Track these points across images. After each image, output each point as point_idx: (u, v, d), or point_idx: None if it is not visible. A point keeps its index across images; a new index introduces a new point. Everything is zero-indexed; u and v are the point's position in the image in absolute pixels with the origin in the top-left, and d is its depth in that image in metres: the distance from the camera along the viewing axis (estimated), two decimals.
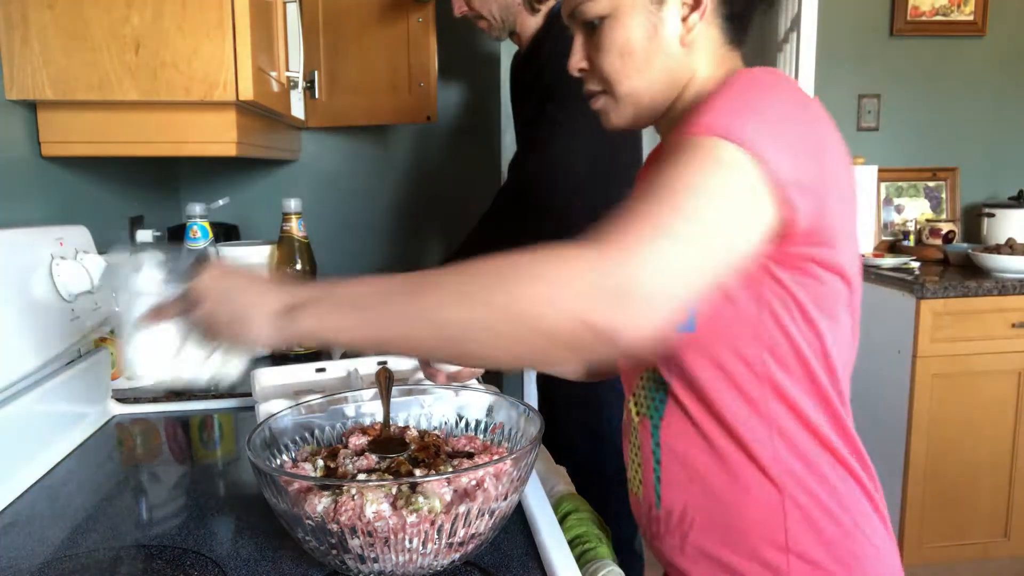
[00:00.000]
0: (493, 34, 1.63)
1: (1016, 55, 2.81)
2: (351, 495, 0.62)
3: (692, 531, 0.80)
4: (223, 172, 2.12)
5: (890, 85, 2.77)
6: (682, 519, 0.81)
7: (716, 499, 0.78)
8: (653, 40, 0.77)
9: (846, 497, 0.76)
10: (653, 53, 0.78)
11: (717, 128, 0.64)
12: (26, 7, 1.09)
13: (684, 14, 0.77)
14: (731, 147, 0.63)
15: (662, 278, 0.57)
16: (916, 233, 2.74)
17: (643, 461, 0.84)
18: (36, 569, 0.72)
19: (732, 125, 0.64)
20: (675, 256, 0.58)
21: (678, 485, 0.81)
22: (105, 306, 1.12)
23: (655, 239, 0.58)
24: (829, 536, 0.75)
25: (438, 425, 0.85)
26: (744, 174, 0.63)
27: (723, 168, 0.62)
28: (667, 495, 0.82)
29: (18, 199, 1.15)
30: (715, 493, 0.78)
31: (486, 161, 2.20)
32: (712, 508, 0.78)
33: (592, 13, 0.78)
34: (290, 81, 1.53)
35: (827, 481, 0.76)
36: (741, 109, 0.66)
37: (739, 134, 0.63)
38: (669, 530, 0.82)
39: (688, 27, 0.77)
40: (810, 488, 0.75)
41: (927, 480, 2.26)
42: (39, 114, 1.18)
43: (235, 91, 1.14)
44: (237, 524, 0.81)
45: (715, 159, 0.63)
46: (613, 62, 0.78)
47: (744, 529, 0.77)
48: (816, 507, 0.75)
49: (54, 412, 0.99)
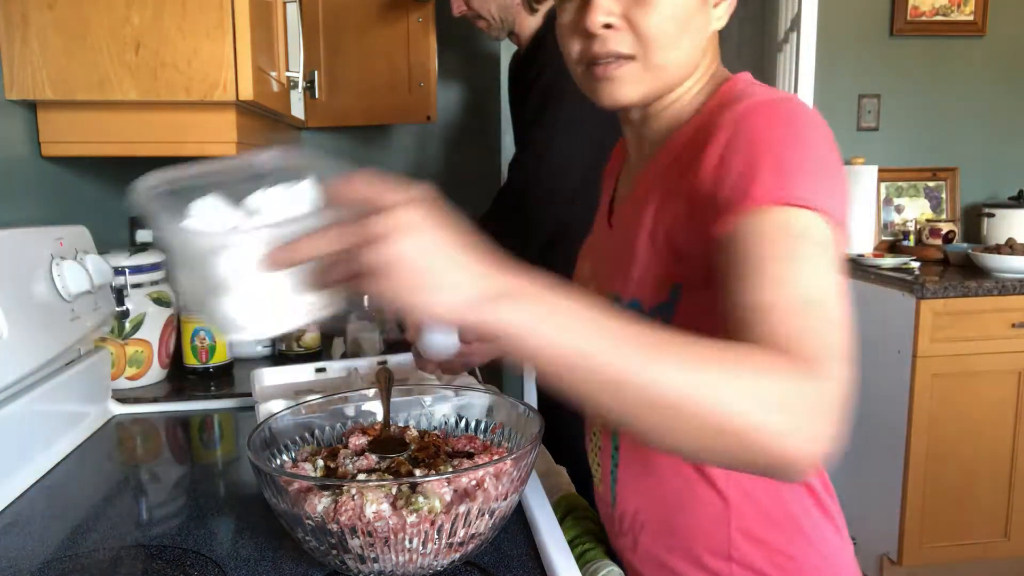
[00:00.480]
0: (492, 34, 1.63)
1: (1016, 55, 2.81)
2: (351, 495, 0.62)
3: (643, 533, 0.81)
4: None
5: (890, 85, 2.77)
6: (634, 520, 0.81)
7: (665, 504, 0.79)
8: (700, 12, 0.72)
9: (794, 505, 0.76)
10: (695, 28, 0.72)
11: (791, 197, 0.61)
12: (26, 7, 1.09)
13: (716, 1, 0.73)
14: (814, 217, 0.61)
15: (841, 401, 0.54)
16: (916, 233, 2.74)
17: (602, 460, 0.85)
18: (36, 569, 0.72)
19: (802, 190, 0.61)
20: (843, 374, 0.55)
21: (632, 487, 0.81)
22: (105, 306, 1.12)
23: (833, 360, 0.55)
24: (773, 545, 0.76)
25: (438, 425, 0.85)
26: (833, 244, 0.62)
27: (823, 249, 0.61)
28: (621, 495, 0.83)
29: (18, 199, 1.15)
30: (664, 498, 0.79)
31: (486, 161, 2.20)
32: (661, 513, 0.79)
33: None
34: (290, 81, 1.53)
35: (776, 491, 0.76)
36: (799, 167, 0.63)
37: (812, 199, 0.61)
38: (623, 530, 0.83)
39: (717, 16, 0.74)
40: (757, 498, 0.76)
41: (927, 480, 2.26)
42: (39, 114, 1.18)
43: (235, 91, 1.14)
44: (237, 524, 0.81)
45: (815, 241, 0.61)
46: (663, 23, 0.69)
47: (689, 535, 0.78)
48: (761, 517, 0.76)
49: (54, 412, 0.99)
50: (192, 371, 1.35)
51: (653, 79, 0.72)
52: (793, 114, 0.66)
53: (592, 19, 0.69)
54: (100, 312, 1.10)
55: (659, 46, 0.70)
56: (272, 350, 1.51)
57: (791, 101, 0.68)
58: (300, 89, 1.63)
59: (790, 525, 0.76)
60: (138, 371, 1.28)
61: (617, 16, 0.70)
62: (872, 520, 2.37)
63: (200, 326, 1.34)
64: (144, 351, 1.28)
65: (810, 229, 0.61)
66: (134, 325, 1.26)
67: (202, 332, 1.34)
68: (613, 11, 0.69)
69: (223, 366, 1.37)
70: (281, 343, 1.47)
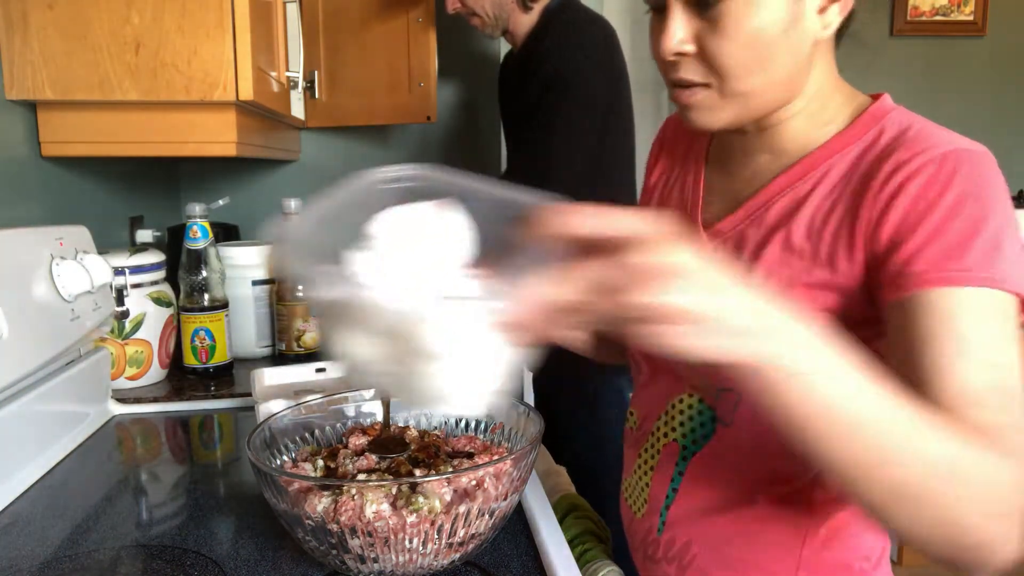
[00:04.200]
0: (486, 31, 1.63)
1: (1016, 55, 2.81)
2: (351, 495, 0.62)
3: (692, 565, 0.77)
4: (223, 172, 2.12)
5: (890, 85, 2.76)
6: (684, 551, 0.77)
7: (728, 540, 0.74)
8: (789, 33, 0.64)
9: (865, 543, 0.74)
10: (785, 49, 0.65)
11: (1000, 279, 0.58)
12: (26, 7, 1.09)
13: (822, 5, 0.65)
14: (1012, 300, 0.59)
15: None
16: None
17: (653, 483, 0.80)
18: (36, 569, 0.72)
19: (1009, 272, 0.59)
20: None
21: (689, 518, 0.77)
22: (105, 306, 1.12)
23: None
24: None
25: (438, 425, 0.85)
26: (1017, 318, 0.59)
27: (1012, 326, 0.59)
28: (673, 524, 0.78)
29: (18, 199, 1.15)
30: (731, 538, 0.74)
31: (486, 161, 2.20)
32: (721, 547, 0.75)
33: None
34: (290, 81, 1.53)
35: (854, 532, 0.72)
36: (1005, 244, 0.60)
37: (1003, 280, 0.58)
38: (667, 557, 0.79)
39: (825, 23, 0.66)
40: (837, 539, 0.72)
41: None
42: (39, 114, 1.18)
43: (235, 91, 1.14)
44: (237, 524, 0.81)
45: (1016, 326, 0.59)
46: (736, 52, 0.64)
47: (749, 572, 0.74)
48: (839, 558, 0.72)
49: (54, 412, 0.99)
50: (192, 371, 1.35)
51: (738, 106, 0.67)
52: (989, 175, 0.63)
53: (664, 48, 0.66)
54: (100, 312, 1.10)
55: (735, 75, 0.65)
56: (272, 350, 1.52)
57: (982, 155, 0.64)
58: (300, 89, 1.64)
59: (862, 563, 0.74)
60: (138, 371, 1.28)
61: (690, 42, 0.65)
62: None
63: (200, 326, 1.34)
64: (144, 351, 1.28)
65: (1009, 309, 0.59)
66: (134, 325, 1.26)
67: (202, 332, 1.34)
68: (685, 38, 0.65)
69: (223, 366, 1.37)
70: (281, 343, 1.47)
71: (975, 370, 0.56)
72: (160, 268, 1.31)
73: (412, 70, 1.84)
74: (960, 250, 0.59)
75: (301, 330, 1.45)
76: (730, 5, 0.62)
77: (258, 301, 1.50)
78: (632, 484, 0.84)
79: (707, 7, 0.63)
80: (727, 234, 0.74)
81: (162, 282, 1.32)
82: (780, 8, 0.63)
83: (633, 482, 0.84)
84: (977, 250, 0.58)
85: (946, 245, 0.59)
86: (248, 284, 1.49)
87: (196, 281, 1.34)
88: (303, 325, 1.45)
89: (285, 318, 1.45)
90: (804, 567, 0.72)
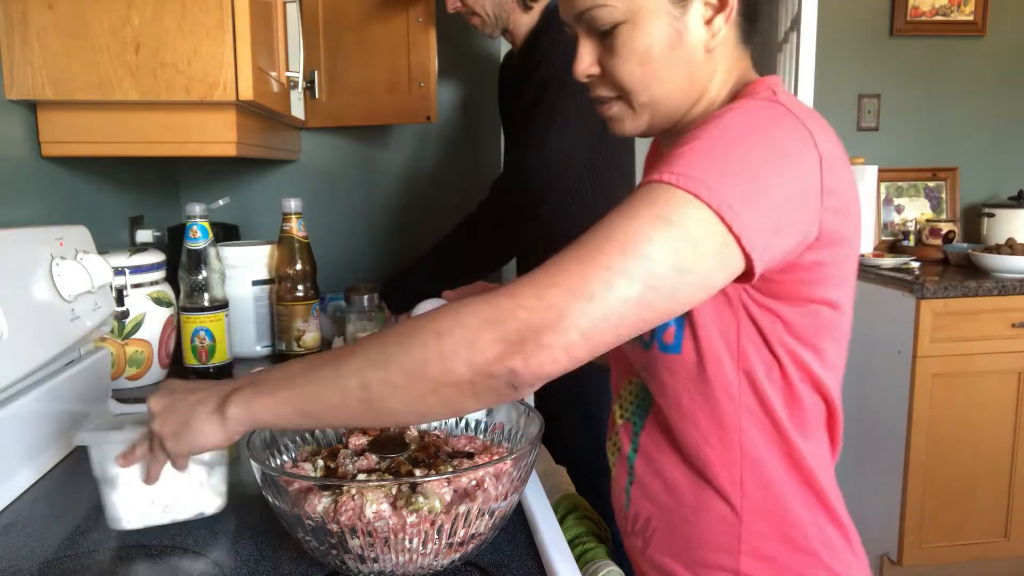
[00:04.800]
0: (486, 31, 1.62)
1: (1016, 55, 2.81)
2: (351, 495, 0.62)
3: (653, 539, 0.81)
4: (223, 172, 2.12)
5: (890, 85, 2.77)
6: (645, 526, 0.82)
7: (677, 515, 0.79)
8: (676, 48, 0.72)
9: (809, 525, 0.76)
10: (675, 61, 0.72)
11: (679, 177, 0.60)
12: (26, 7, 1.09)
13: (708, 16, 0.72)
14: (691, 201, 0.60)
15: (552, 333, 0.57)
16: (916, 233, 2.74)
17: (618, 463, 0.85)
18: (36, 569, 0.72)
19: (696, 174, 0.60)
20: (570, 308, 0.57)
21: (645, 493, 0.82)
22: (105, 306, 1.12)
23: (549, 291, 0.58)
24: (783, 562, 0.75)
25: (438, 425, 0.85)
26: (692, 226, 0.60)
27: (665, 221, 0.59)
28: (635, 500, 0.83)
29: (18, 199, 1.15)
30: (677, 509, 0.79)
31: (486, 161, 2.20)
32: (672, 523, 0.79)
33: (607, 20, 0.71)
34: (290, 81, 1.53)
35: (790, 509, 0.75)
36: (717, 160, 0.62)
37: (700, 186, 0.60)
38: (634, 532, 0.84)
39: (713, 32, 0.72)
40: (769, 513, 0.75)
41: (927, 480, 2.26)
42: (39, 114, 1.18)
43: (235, 91, 1.14)
44: (237, 524, 0.81)
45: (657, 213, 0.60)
46: (632, 70, 0.72)
47: (698, 547, 0.78)
48: (773, 533, 0.75)
49: (54, 412, 0.99)
50: (192, 371, 1.35)
51: (648, 113, 0.76)
52: (758, 117, 0.65)
53: (576, 71, 0.76)
54: (100, 312, 1.10)
55: (635, 89, 0.73)
56: (272, 350, 1.52)
57: (773, 108, 0.66)
58: (300, 89, 1.63)
59: (802, 542, 0.75)
60: (138, 371, 1.28)
61: (595, 65, 0.75)
62: (872, 520, 2.37)
63: (200, 326, 1.34)
64: (144, 351, 1.28)
65: (674, 205, 0.59)
66: (134, 325, 1.26)
67: (202, 332, 1.34)
68: (591, 63, 0.75)
69: (223, 366, 1.37)
70: (281, 343, 1.47)
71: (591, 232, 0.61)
72: (160, 268, 1.31)
73: (412, 70, 1.84)
74: (669, 162, 0.62)
75: (301, 330, 1.45)
76: (620, 33, 0.71)
77: (258, 301, 1.50)
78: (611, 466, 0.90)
79: (605, 35, 0.73)
80: None
81: (162, 282, 1.32)
82: (664, 28, 0.71)
83: (611, 465, 0.90)
84: (691, 158, 0.61)
85: (676, 154, 0.63)
86: (248, 284, 1.49)
87: (196, 281, 1.34)
88: (303, 325, 1.45)
89: (285, 318, 1.45)
90: (746, 543, 0.75)
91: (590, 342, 0.58)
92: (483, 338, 0.57)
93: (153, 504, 0.76)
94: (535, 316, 0.57)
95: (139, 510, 0.76)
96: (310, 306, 1.46)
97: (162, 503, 0.77)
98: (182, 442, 0.66)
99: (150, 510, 0.76)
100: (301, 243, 1.45)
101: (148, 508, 0.76)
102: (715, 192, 0.59)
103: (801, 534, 0.75)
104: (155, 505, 0.76)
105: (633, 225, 0.59)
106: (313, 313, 1.47)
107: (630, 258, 0.58)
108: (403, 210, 2.24)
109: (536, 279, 0.59)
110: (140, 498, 0.75)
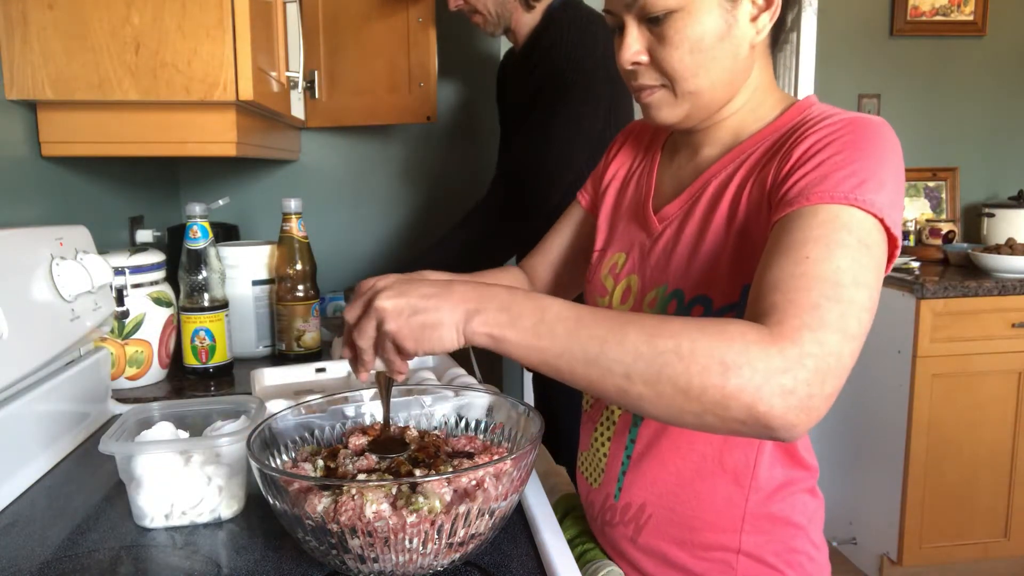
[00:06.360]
0: (488, 30, 1.62)
1: (1016, 55, 2.81)
2: (351, 495, 0.62)
3: (647, 526, 0.84)
4: (223, 172, 2.12)
5: (890, 85, 2.77)
6: (639, 513, 0.84)
7: (678, 499, 0.82)
8: (724, 40, 0.75)
9: (808, 504, 0.82)
10: (723, 53, 0.76)
11: (850, 197, 0.65)
12: (26, 7, 1.09)
13: (754, 14, 0.76)
14: (867, 218, 0.65)
15: (833, 379, 0.58)
16: (916, 233, 2.74)
17: (610, 453, 0.87)
18: (36, 569, 0.72)
19: (863, 193, 0.65)
20: (843, 350, 0.59)
21: (643, 481, 0.84)
22: (105, 306, 1.12)
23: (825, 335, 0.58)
24: (778, 536, 0.80)
25: (438, 425, 0.85)
26: (880, 246, 0.66)
27: (865, 244, 0.64)
28: (629, 489, 0.85)
29: (18, 199, 1.15)
30: (679, 494, 0.82)
31: (486, 161, 2.20)
32: (672, 507, 0.82)
33: (661, 7, 0.74)
34: (290, 81, 1.53)
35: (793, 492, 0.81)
36: (870, 177, 0.67)
37: (871, 202, 0.65)
38: (624, 521, 0.86)
39: (758, 29, 0.77)
40: (778, 497, 0.80)
41: (927, 480, 2.26)
42: (39, 114, 1.18)
43: (235, 91, 1.14)
44: (237, 524, 0.81)
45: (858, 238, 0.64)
46: (683, 57, 0.75)
47: (700, 529, 0.81)
48: (778, 514, 0.80)
49: (54, 412, 0.99)
50: (192, 371, 1.35)
51: (689, 104, 0.79)
52: (877, 132, 0.71)
53: (623, 59, 0.78)
54: (100, 312, 1.10)
55: (683, 77, 0.76)
56: (272, 350, 1.52)
57: (876, 121, 0.72)
58: (300, 89, 1.64)
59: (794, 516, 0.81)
60: (138, 371, 1.29)
61: (644, 53, 0.77)
62: (872, 520, 2.37)
63: (200, 326, 1.34)
64: (144, 351, 1.28)
65: (858, 224, 0.64)
66: (134, 325, 1.26)
67: (202, 332, 1.34)
68: (640, 50, 0.77)
69: (223, 366, 1.37)
70: (281, 343, 1.47)
71: (788, 263, 0.63)
72: (160, 268, 1.31)
73: (412, 70, 1.84)
74: (827, 180, 0.67)
75: (301, 330, 1.45)
76: (673, 21, 0.74)
77: (258, 301, 1.50)
78: (588, 457, 0.92)
79: (656, 23, 0.75)
80: (673, 216, 0.85)
81: (162, 282, 1.32)
82: (716, 19, 0.74)
83: (590, 455, 0.91)
84: (841, 179, 0.66)
85: (817, 176, 0.67)
86: (248, 284, 1.49)
87: (196, 281, 1.34)
88: (303, 325, 1.45)
89: (285, 318, 1.45)
90: (749, 521, 0.79)
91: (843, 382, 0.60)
92: (772, 387, 0.56)
93: (174, 506, 0.79)
94: (820, 364, 0.57)
95: (162, 511, 0.79)
96: (310, 306, 1.46)
97: (183, 505, 0.79)
98: (422, 345, 0.64)
99: (172, 511, 0.80)
100: (301, 243, 1.45)
101: (170, 509, 0.79)
102: (885, 212, 0.65)
103: (791, 507, 0.81)
104: (176, 507, 0.79)
105: (850, 255, 0.63)
106: (313, 313, 1.47)
107: (862, 289, 0.62)
108: (403, 210, 2.24)
109: (803, 319, 0.59)
110: (163, 500, 0.79)
